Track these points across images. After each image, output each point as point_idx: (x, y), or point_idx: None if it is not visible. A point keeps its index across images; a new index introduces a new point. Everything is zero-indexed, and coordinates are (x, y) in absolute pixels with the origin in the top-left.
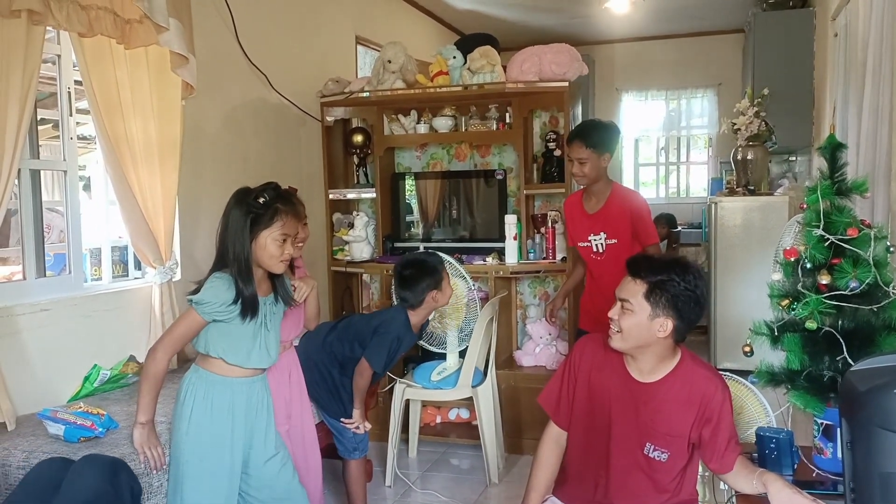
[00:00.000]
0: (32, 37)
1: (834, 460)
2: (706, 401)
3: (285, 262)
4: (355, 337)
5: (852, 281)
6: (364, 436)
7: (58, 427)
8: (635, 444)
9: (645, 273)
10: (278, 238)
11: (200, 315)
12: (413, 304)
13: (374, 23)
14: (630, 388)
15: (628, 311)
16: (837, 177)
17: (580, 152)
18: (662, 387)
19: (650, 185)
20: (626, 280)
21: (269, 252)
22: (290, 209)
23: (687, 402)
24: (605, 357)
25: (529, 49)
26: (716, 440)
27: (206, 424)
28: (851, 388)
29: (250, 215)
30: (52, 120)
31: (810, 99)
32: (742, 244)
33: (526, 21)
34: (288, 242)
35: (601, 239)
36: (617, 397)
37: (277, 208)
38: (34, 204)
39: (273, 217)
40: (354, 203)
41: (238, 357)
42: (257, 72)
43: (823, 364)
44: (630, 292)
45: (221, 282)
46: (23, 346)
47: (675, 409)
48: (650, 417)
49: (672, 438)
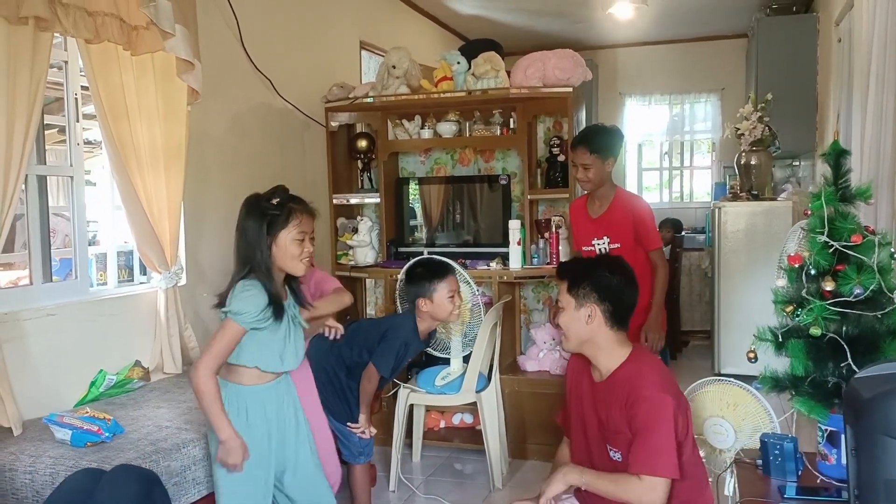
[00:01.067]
0: (40, 43)
1: (838, 467)
2: (631, 401)
3: (306, 261)
4: (363, 342)
5: (856, 287)
6: (369, 440)
7: (64, 432)
8: (601, 447)
9: (564, 272)
10: (297, 237)
11: (241, 325)
12: (413, 308)
13: (379, 28)
14: (591, 390)
15: (561, 310)
16: (841, 183)
17: (584, 158)
18: (609, 385)
19: (653, 189)
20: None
21: (290, 253)
22: (303, 207)
23: (622, 400)
24: (582, 364)
25: (533, 54)
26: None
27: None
28: (856, 395)
29: (266, 219)
30: (58, 125)
31: (814, 104)
32: (745, 249)
33: (530, 26)
34: (306, 240)
35: (604, 243)
36: (583, 401)
37: (292, 208)
38: (41, 209)
39: (289, 217)
40: (358, 208)
41: (272, 363)
42: (262, 77)
43: (828, 370)
44: (560, 293)
45: (254, 289)
46: (29, 351)
47: (616, 408)
48: (605, 417)
49: (621, 437)
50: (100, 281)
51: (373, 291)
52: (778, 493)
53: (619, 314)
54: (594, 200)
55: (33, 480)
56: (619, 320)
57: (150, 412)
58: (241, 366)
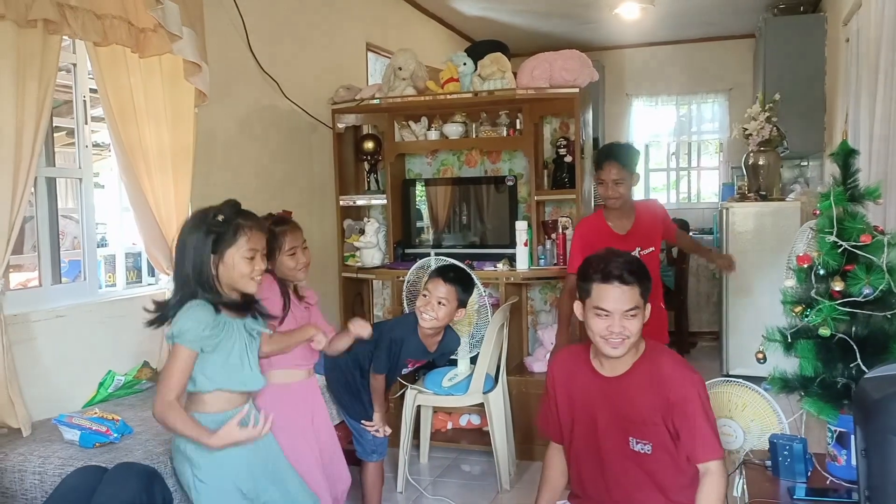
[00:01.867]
0: (49, 46)
1: (848, 468)
2: (670, 387)
3: (256, 279)
4: (373, 341)
5: (866, 287)
6: (383, 439)
7: (73, 433)
8: (621, 440)
9: (639, 277)
10: (247, 254)
11: (187, 347)
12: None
13: (385, 30)
14: (600, 385)
15: (633, 318)
16: (850, 183)
17: (617, 173)
18: (629, 377)
19: (661, 190)
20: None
21: (239, 271)
22: (253, 223)
23: (651, 386)
24: (575, 364)
25: (540, 55)
26: (685, 430)
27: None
28: (866, 396)
29: (211, 235)
30: (67, 128)
31: (822, 104)
32: (754, 250)
33: (536, 27)
34: (258, 258)
35: (636, 253)
36: (593, 399)
37: (239, 223)
38: (50, 211)
39: (236, 233)
40: (365, 209)
41: (234, 382)
42: (269, 79)
43: (837, 371)
44: (628, 299)
45: (195, 306)
46: (38, 352)
47: (645, 398)
48: (625, 409)
49: (648, 427)
50: (108, 282)
51: (380, 293)
52: (787, 494)
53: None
54: (617, 217)
55: (42, 481)
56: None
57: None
58: (203, 393)
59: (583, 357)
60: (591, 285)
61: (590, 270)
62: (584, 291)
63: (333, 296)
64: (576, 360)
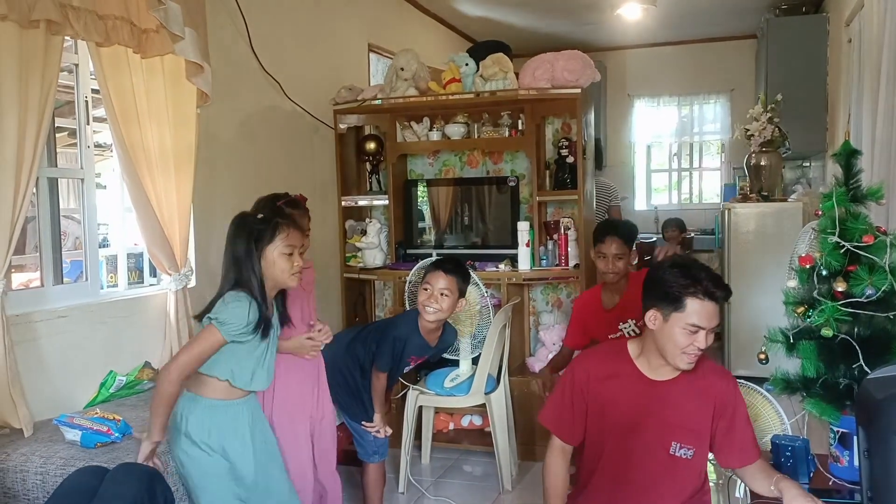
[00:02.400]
0: (51, 46)
1: (850, 468)
2: (717, 391)
3: (297, 275)
4: (374, 340)
5: (868, 288)
6: (384, 440)
7: (75, 433)
8: (660, 445)
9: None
10: (285, 251)
11: (223, 335)
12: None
13: (387, 30)
14: (647, 389)
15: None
16: (852, 183)
17: (620, 248)
18: (678, 382)
19: (662, 190)
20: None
21: (279, 267)
22: (289, 221)
23: (701, 393)
24: (613, 366)
25: (542, 56)
26: (734, 432)
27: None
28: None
29: (253, 235)
30: (69, 128)
31: (824, 105)
32: (756, 250)
33: (538, 28)
34: (295, 254)
35: (630, 326)
36: (636, 402)
37: (277, 222)
38: (52, 211)
39: (275, 232)
40: (367, 210)
41: (243, 380)
42: (271, 80)
43: (839, 372)
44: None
45: (243, 303)
46: (40, 353)
47: (693, 403)
48: (672, 415)
49: (695, 433)
50: (110, 283)
51: (382, 293)
52: None
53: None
54: (611, 291)
55: (44, 481)
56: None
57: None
58: (213, 377)
59: (624, 357)
60: (687, 300)
61: (688, 283)
62: (671, 302)
63: (335, 296)
64: (616, 359)
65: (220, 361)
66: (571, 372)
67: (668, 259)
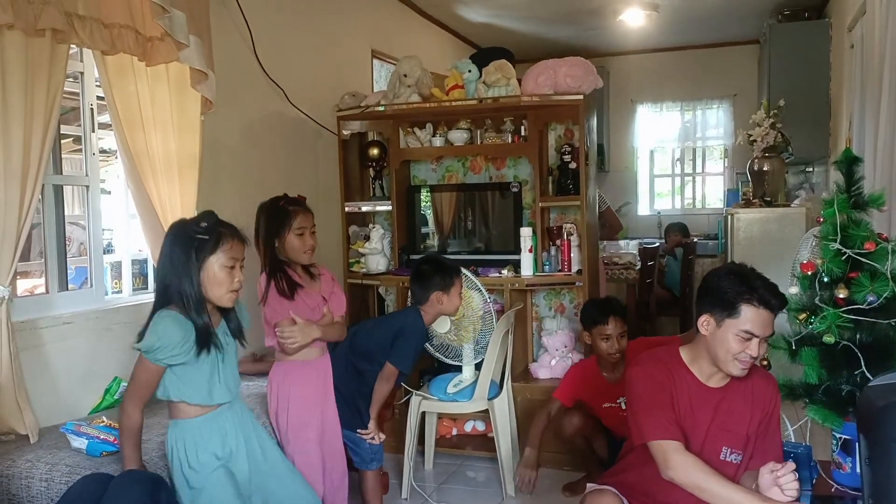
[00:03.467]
0: (56, 55)
1: (853, 475)
2: (765, 395)
3: (235, 293)
4: (375, 346)
5: (870, 295)
6: (379, 446)
7: (81, 441)
8: (711, 450)
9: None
10: (227, 263)
11: (154, 363)
12: (420, 300)
13: (390, 37)
14: (703, 395)
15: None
16: (854, 190)
17: (622, 326)
18: (731, 389)
19: (665, 196)
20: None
21: (218, 280)
22: (233, 233)
23: (750, 398)
24: (673, 369)
25: (544, 62)
26: (767, 434)
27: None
28: (869, 404)
29: (194, 244)
30: (74, 135)
31: (827, 110)
32: (759, 256)
33: (541, 34)
34: (237, 269)
35: (621, 403)
36: (693, 406)
37: (221, 232)
38: (57, 218)
39: (218, 242)
40: (370, 216)
41: (200, 396)
42: (275, 86)
43: (842, 378)
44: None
45: (168, 320)
46: (45, 359)
47: (745, 409)
48: (726, 420)
49: (745, 439)
50: (115, 289)
51: (384, 299)
52: None
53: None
54: (612, 368)
55: (49, 488)
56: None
57: (163, 420)
58: (177, 402)
59: (677, 360)
60: (742, 306)
61: (744, 290)
62: (725, 308)
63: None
64: (671, 363)
65: (172, 384)
66: (653, 372)
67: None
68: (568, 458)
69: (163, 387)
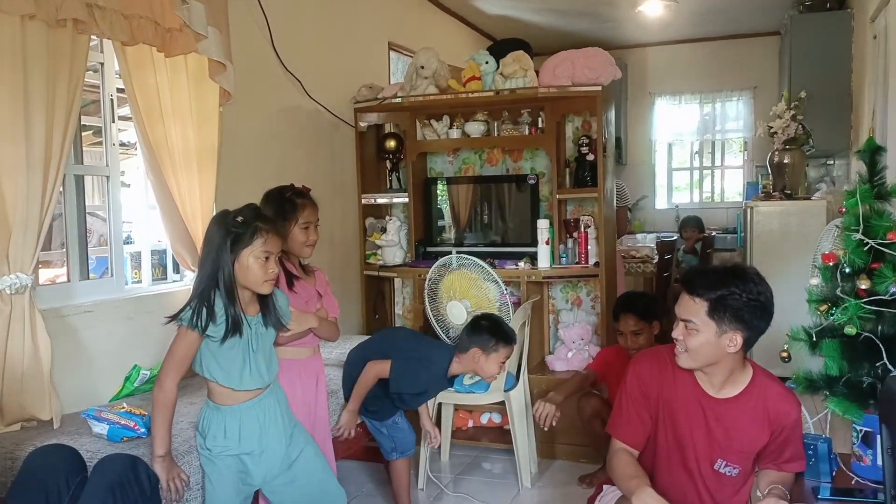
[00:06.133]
0: (77, 46)
1: (873, 468)
2: (780, 419)
3: (271, 281)
4: (397, 352)
5: (892, 286)
6: (403, 437)
7: (102, 426)
8: (704, 459)
9: (703, 290)
10: (260, 256)
11: (189, 328)
12: (461, 347)
13: (407, 29)
14: (703, 403)
15: (693, 331)
16: (877, 180)
17: (636, 324)
18: (737, 403)
19: (684, 189)
20: (685, 298)
21: (252, 271)
22: (270, 227)
23: (762, 419)
24: (674, 373)
25: (562, 53)
26: (779, 449)
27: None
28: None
29: (230, 235)
30: (94, 126)
31: (848, 102)
32: (779, 249)
33: (558, 26)
34: (271, 261)
35: None
36: (688, 413)
37: (257, 226)
38: (78, 208)
39: (253, 235)
40: (387, 208)
41: (230, 380)
42: (292, 78)
43: (863, 370)
44: (691, 311)
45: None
46: (67, 346)
47: (751, 426)
48: (724, 434)
49: (746, 455)
50: (134, 279)
51: (401, 291)
52: (812, 494)
53: (756, 339)
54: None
55: None
56: (752, 345)
57: (182, 408)
58: (212, 382)
59: (685, 370)
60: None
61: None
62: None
63: (355, 294)
64: (674, 369)
65: (205, 360)
66: (636, 373)
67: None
68: (584, 451)
69: (198, 361)
